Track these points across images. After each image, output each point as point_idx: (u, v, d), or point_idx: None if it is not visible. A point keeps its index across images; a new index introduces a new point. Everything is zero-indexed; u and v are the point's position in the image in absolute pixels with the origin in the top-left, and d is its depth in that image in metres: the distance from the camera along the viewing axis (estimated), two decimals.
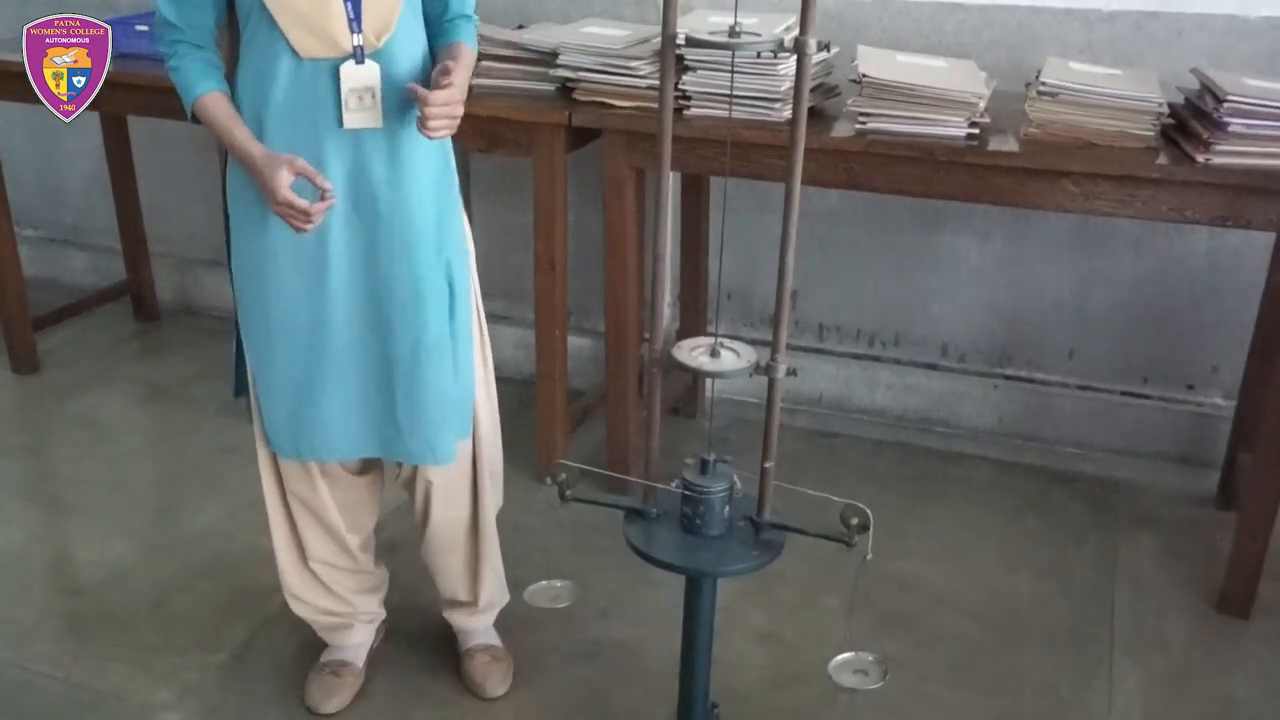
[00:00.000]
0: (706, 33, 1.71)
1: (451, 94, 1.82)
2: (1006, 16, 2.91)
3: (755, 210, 3.14)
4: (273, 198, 1.80)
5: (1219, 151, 2.22)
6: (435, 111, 1.80)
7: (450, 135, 1.88)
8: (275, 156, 1.81)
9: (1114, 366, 3.12)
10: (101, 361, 3.69)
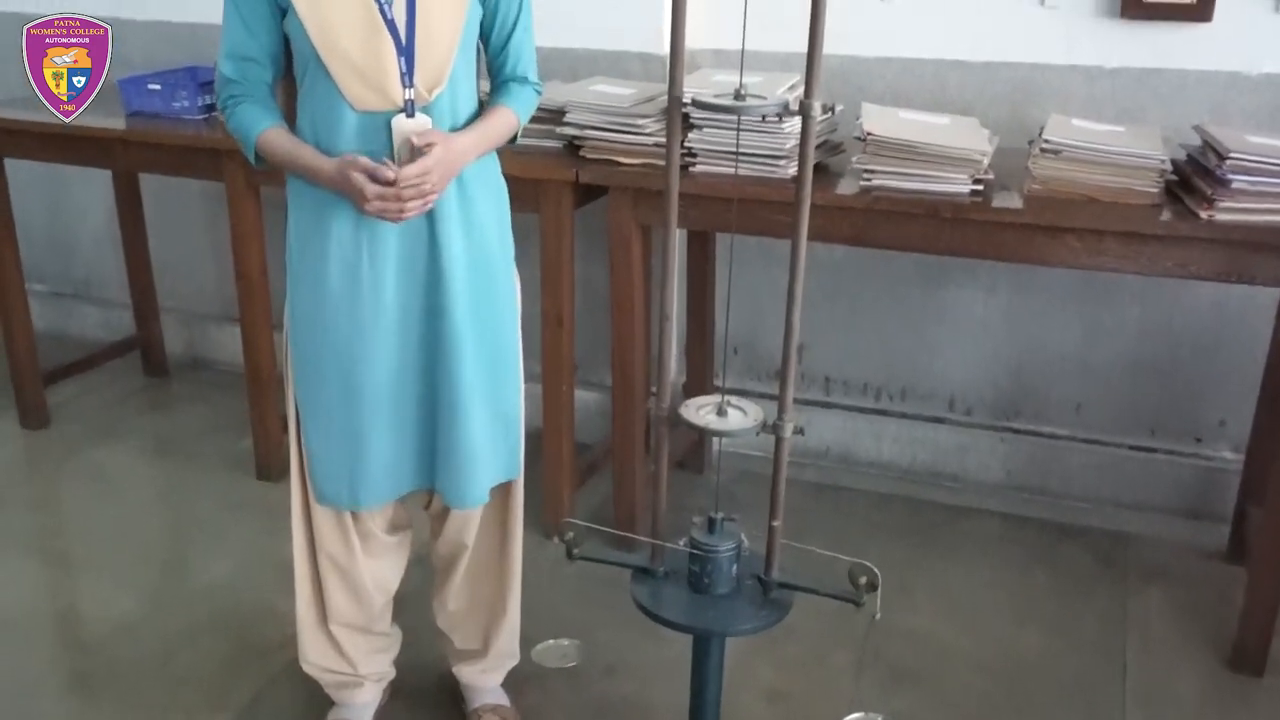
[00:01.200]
0: (712, 94, 1.73)
1: (422, 166, 1.82)
2: (1009, 73, 2.94)
3: (761, 264, 3.16)
4: (362, 199, 1.82)
5: (1222, 208, 2.24)
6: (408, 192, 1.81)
7: (420, 211, 1.88)
8: (343, 163, 1.83)
9: (1121, 419, 3.12)
10: (110, 416, 3.70)
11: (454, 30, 1.88)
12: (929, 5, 2.95)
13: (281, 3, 1.86)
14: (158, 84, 3.19)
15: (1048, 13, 2.87)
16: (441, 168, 1.84)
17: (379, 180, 1.81)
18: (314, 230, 1.93)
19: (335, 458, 2.01)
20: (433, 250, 1.93)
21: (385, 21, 1.82)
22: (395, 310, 1.94)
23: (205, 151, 3.00)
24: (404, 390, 1.99)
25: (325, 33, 1.82)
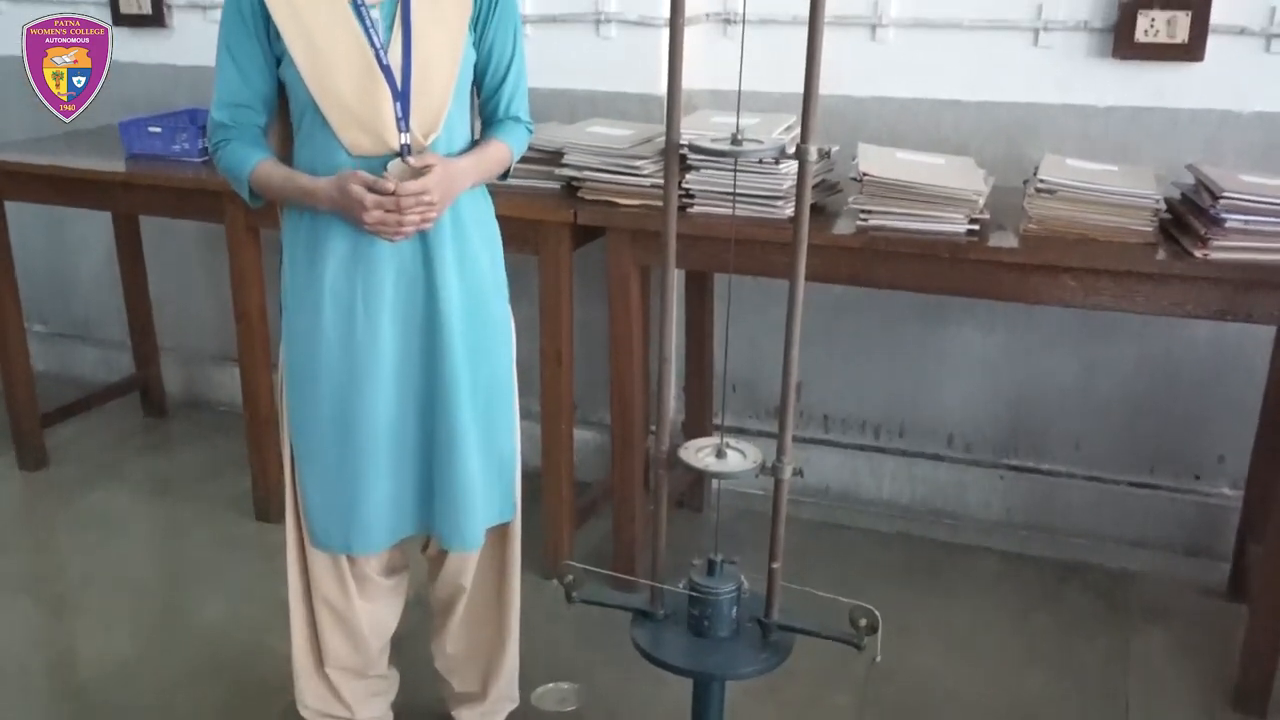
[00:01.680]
0: (709, 138, 1.74)
1: (423, 183, 1.82)
2: (1003, 112, 2.96)
3: (759, 302, 3.16)
4: (360, 212, 1.81)
5: (1217, 247, 2.25)
6: (406, 202, 1.80)
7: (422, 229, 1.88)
8: (341, 177, 1.83)
9: (1120, 456, 3.12)
10: (109, 457, 3.69)
11: (449, 75, 1.89)
12: (924, 46, 2.98)
13: (277, 50, 1.88)
14: (158, 127, 3.21)
15: (1041, 53, 2.89)
16: (441, 186, 1.85)
17: (378, 192, 1.81)
18: (308, 273, 1.93)
19: (331, 503, 2.01)
20: (429, 292, 1.94)
21: (381, 67, 1.84)
22: (391, 353, 1.95)
23: (205, 193, 3.01)
24: (400, 434, 2.00)
25: (321, 79, 1.84)
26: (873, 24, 3.00)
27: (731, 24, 3.11)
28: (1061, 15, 2.85)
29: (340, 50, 1.83)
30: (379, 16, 1.86)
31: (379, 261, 1.91)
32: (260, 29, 1.88)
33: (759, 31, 2.98)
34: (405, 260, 1.92)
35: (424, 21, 1.87)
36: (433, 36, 1.88)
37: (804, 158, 1.61)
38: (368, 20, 1.85)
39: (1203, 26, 2.71)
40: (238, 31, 1.89)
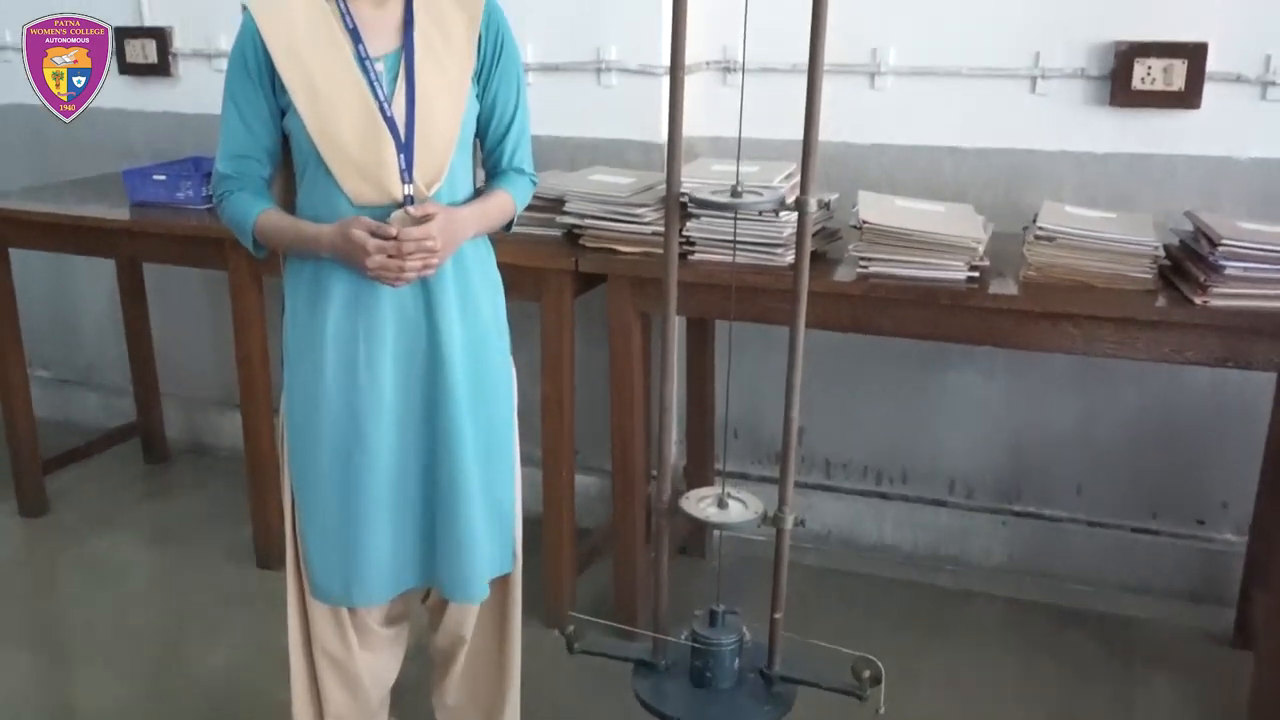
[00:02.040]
0: (710, 189, 1.76)
1: (425, 230, 1.83)
2: (1002, 159, 2.98)
3: (760, 348, 3.17)
4: (362, 257, 1.81)
5: (1217, 294, 2.26)
6: (408, 246, 1.81)
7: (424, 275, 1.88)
8: (343, 222, 1.83)
9: (1123, 501, 3.11)
10: (109, 504, 3.69)
11: (453, 127, 1.91)
12: (922, 93, 3.00)
13: (282, 101, 1.90)
14: (162, 174, 3.23)
15: (1039, 100, 2.92)
16: (444, 234, 1.86)
17: (381, 237, 1.81)
18: (310, 321, 1.94)
19: (331, 554, 2.01)
20: (430, 340, 1.94)
21: (385, 119, 1.85)
22: (393, 403, 1.95)
23: (208, 241, 3.03)
24: (402, 484, 1.99)
25: (325, 131, 1.85)
26: (872, 72, 3.03)
27: (731, 72, 3.14)
28: (1058, 63, 2.87)
29: (344, 102, 1.85)
30: (383, 68, 1.88)
31: (380, 309, 1.91)
32: (265, 81, 1.90)
33: (758, 80, 3.00)
34: (407, 307, 1.93)
35: (428, 74, 1.89)
36: (436, 88, 1.90)
37: (803, 209, 1.63)
38: (372, 72, 1.87)
39: (1199, 74, 2.73)
40: (243, 84, 1.91)
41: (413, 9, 1.91)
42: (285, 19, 1.88)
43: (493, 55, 1.96)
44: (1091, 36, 2.83)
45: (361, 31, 1.88)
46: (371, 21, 1.90)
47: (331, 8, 1.89)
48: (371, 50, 1.88)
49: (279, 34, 1.87)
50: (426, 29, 1.91)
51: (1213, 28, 2.73)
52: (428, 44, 1.90)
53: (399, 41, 1.90)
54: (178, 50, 3.73)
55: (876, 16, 2.98)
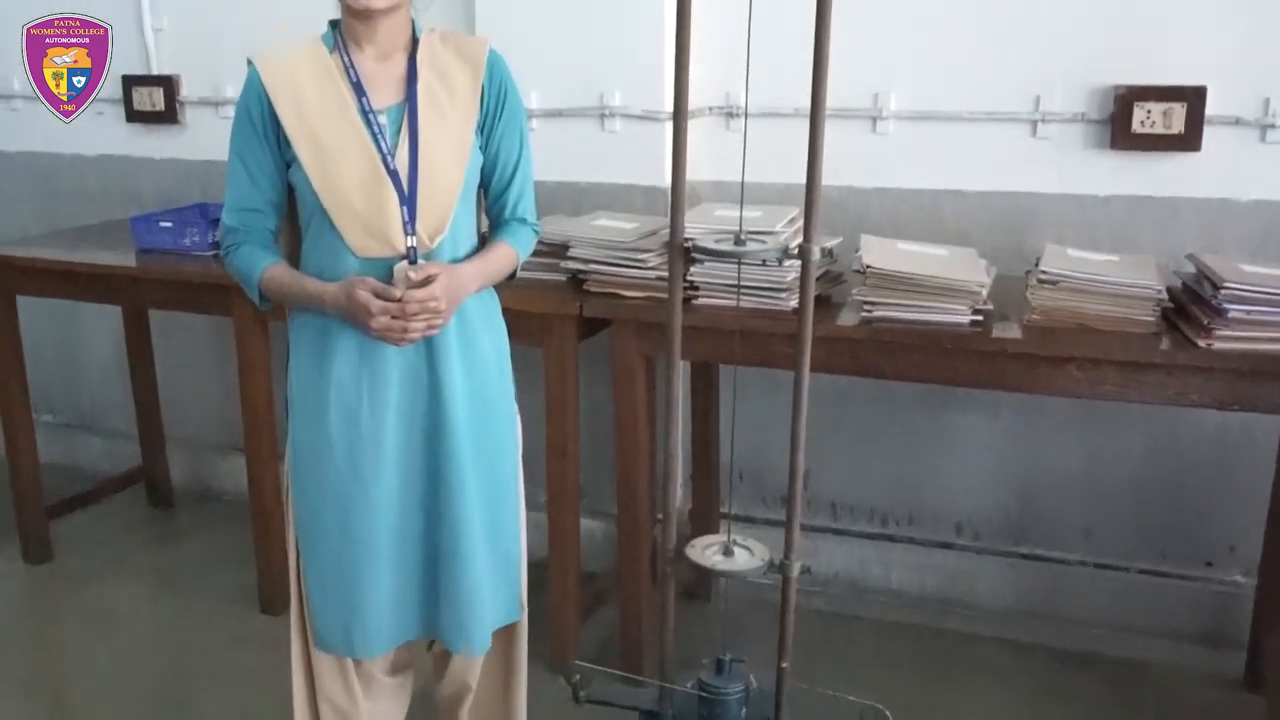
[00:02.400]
0: (714, 237, 1.76)
1: (429, 291, 1.84)
2: (1004, 201, 2.99)
3: (765, 391, 3.17)
4: (366, 318, 1.82)
5: (1220, 337, 2.26)
6: (412, 307, 1.82)
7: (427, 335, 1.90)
8: (348, 283, 1.85)
9: (1130, 543, 3.10)
10: (114, 549, 3.68)
11: (456, 179, 1.92)
12: (924, 137, 3.02)
13: (287, 155, 1.91)
14: (169, 221, 3.25)
15: (1040, 143, 2.93)
16: (448, 294, 1.87)
17: (385, 298, 1.82)
18: (314, 373, 1.95)
19: (334, 605, 2.00)
20: (433, 392, 1.94)
21: (388, 172, 1.87)
22: (395, 456, 1.95)
23: (213, 287, 3.04)
24: (405, 536, 1.99)
25: (330, 184, 1.87)
26: (874, 116, 3.05)
27: (734, 117, 3.16)
28: (1058, 107, 2.89)
29: (348, 155, 1.87)
30: (386, 122, 1.90)
31: (384, 361, 1.92)
32: (270, 134, 1.91)
33: (761, 124, 3.03)
34: (410, 360, 1.94)
35: (431, 126, 1.91)
36: (439, 141, 1.91)
37: (807, 257, 1.63)
38: (375, 126, 1.88)
39: (1198, 118, 2.75)
40: (248, 138, 1.93)
41: (416, 62, 1.93)
42: (290, 73, 1.90)
43: (496, 107, 1.98)
44: (1091, 80, 2.85)
45: (365, 85, 1.90)
46: (375, 75, 1.92)
47: (336, 61, 1.92)
48: (375, 103, 1.90)
49: (284, 88, 1.89)
50: (430, 82, 1.93)
51: (1211, 71, 2.75)
52: (431, 97, 1.92)
53: (403, 94, 1.92)
54: (185, 98, 3.76)
55: (878, 61, 3.01)
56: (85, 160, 3.98)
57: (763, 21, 1.74)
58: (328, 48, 1.94)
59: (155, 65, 3.74)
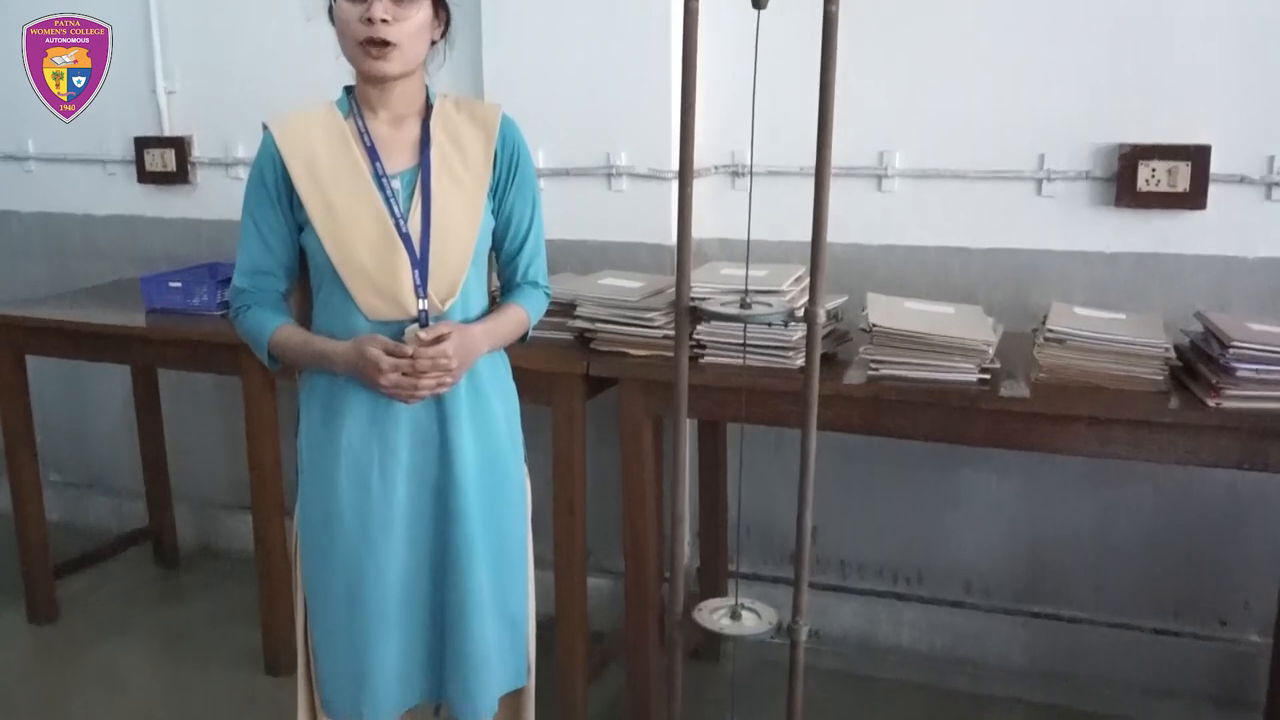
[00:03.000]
0: (720, 300, 1.77)
1: (440, 348, 1.85)
2: (1010, 259, 3.00)
3: (772, 445, 3.16)
4: (376, 375, 1.83)
5: (1230, 396, 2.25)
6: (423, 364, 1.83)
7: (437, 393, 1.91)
8: (359, 341, 1.85)
9: (1143, 601, 3.07)
10: (120, 610, 3.66)
11: (468, 242, 1.93)
12: (929, 195, 3.04)
13: (300, 218, 1.93)
14: (178, 281, 3.27)
15: (1045, 201, 2.94)
16: (459, 353, 1.88)
17: (395, 355, 1.83)
18: (325, 434, 1.95)
19: (341, 668, 1.99)
20: (443, 454, 1.95)
21: (400, 236, 1.88)
22: (405, 518, 1.95)
23: (223, 347, 3.05)
24: (413, 600, 1.98)
25: (341, 247, 1.88)
26: (879, 175, 3.07)
27: (739, 176, 3.18)
28: (1063, 165, 2.90)
29: (361, 219, 1.88)
30: (399, 186, 1.92)
31: (395, 423, 1.92)
32: (283, 198, 1.93)
33: (766, 183, 3.05)
34: (421, 422, 1.94)
35: (444, 191, 1.92)
36: (452, 205, 1.93)
37: (812, 321, 1.64)
38: (388, 190, 1.90)
39: (1203, 176, 2.76)
40: (261, 201, 1.94)
41: (430, 127, 1.95)
42: (304, 138, 1.92)
43: (508, 171, 2.00)
44: (1095, 139, 2.87)
45: (379, 149, 1.92)
46: (389, 139, 1.94)
47: (350, 126, 1.94)
48: (389, 167, 1.92)
49: (298, 153, 1.91)
50: (443, 146, 1.95)
51: (1215, 130, 2.76)
52: (444, 161, 1.94)
53: (416, 159, 1.94)
54: (196, 159, 3.80)
55: (883, 120, 3.03)
56: (96, 220, 4.01)
57: (767, 81, 1.76)
58: (342, 112, 1.97)
59: (167, 127, 3.79)
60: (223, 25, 3.67)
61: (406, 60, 1.89)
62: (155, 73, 3.73)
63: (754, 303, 1.72)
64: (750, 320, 1.71)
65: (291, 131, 1.93)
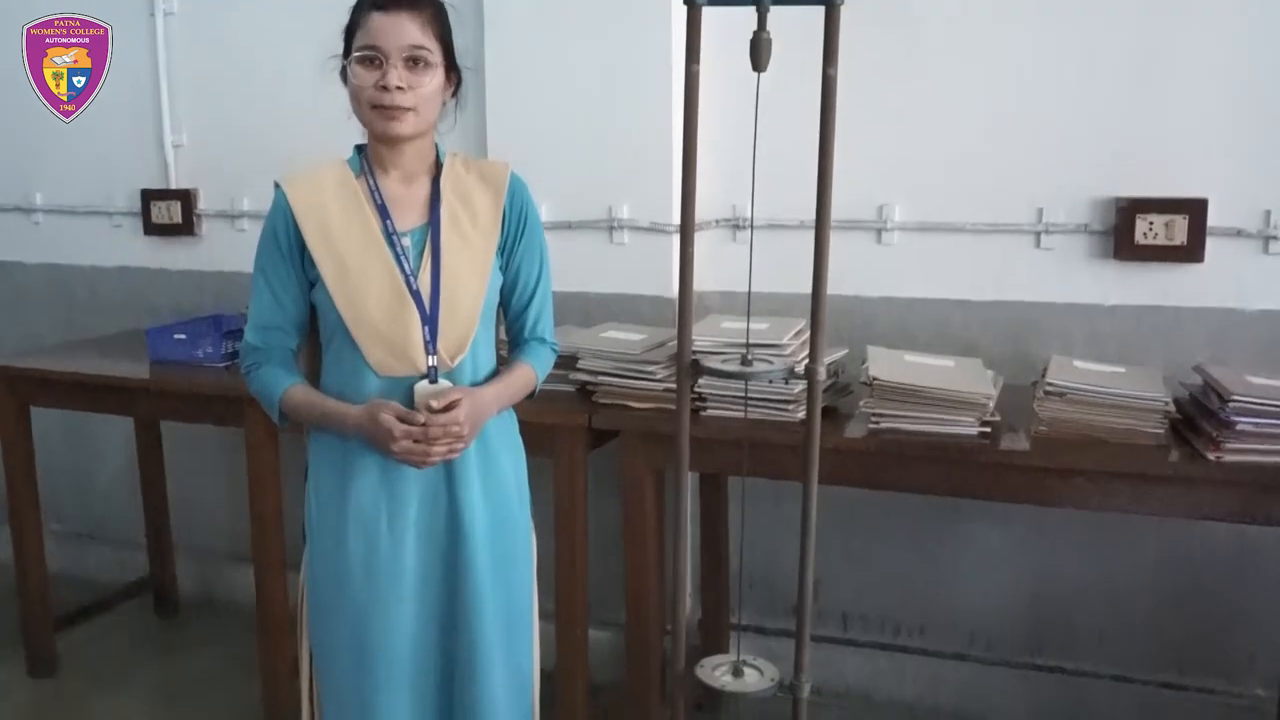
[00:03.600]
0: (721, 356, 1.79)
1: (452, 415, 1.86)
2: (1009, 311, 3.01)
3: (774, 497, 3.14)
4: (388, 443, 1.84)
5: (1230, 449, 2.25)
6: (434, 431, 1.85)
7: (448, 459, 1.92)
8: (372, 406, 1.87)
9: (1147, 655, 3.05)
10: (119, 662, 3.64)
11: (477, 299, 1.96)
12: (928, 248, 3.06)
13: (311, 275, 1.95)
14: (183, 333, 3.28)
15: (1044, 254, 2.96)
16: (470, 419, 1.89)
17: (408, 423, 1.84)
18: (335, 493, 1.96)
19: None
20: (453, 514, 1.95)
21: (411, 293, 1.90)
22: (414, 577, 1.95)
23: (226, 399, 3.06)
24: (422, 659, 1.98)
25: (352, 303, 1.90)
26: (878, 228, 3.09)
27: (740, 229, 3.21)
28: (1061, 219, 2.93)
29: (371, 276, 1.90)
30: (410, 244, 1.94)
31: (404, 482, 1.94)
32: (295, 256, 1.96)
33: (766, 235, 3.07)
34: (430, 481, 1.95)
35: (453, 248, 1.95)
36: (461, 263, 1.95)
37: (813, 378, 1.65)
38: (399, 247, 1.92)
39: (1200, 229, 2.78)
40: (273, 258, 1.97)
41: (440, 186, 1.98)
42: (317, 196, 1.95)
43: (517, 229, 2.02)
44: (1092, 193, 2.89)
45: (390, 207, 1.95)
46: (400, 198, 1.97)
47: (361, 185, 1.97)
48: (399, 225, 1.94)
49: (310, 211, 1.93)
50: (453, 205, 1.98)
51: (1211, 184, 2.79)
52: (454, 219, 1.97)
53: (426, 217, 1.96)
54: (202, 211, 3.83)
55: (882, 173, 3.05)
56: (102, 271, 4.04)
57: (765, 133, 1.78)
58: (354, 170, 2.00)
59: (174, 179, 3.82)
60: (230, 79, 3.71)
61: (420, 122, 1.93)
62: (163, 126, 3.78)
63: (755, 358, 1.74)
64: (752, 377, 1.72)
65: (304, 191, 1.96)
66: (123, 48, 3.60)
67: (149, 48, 3.67)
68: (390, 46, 1.87)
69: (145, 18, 3.63)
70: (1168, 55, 2.81)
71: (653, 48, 3.08)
